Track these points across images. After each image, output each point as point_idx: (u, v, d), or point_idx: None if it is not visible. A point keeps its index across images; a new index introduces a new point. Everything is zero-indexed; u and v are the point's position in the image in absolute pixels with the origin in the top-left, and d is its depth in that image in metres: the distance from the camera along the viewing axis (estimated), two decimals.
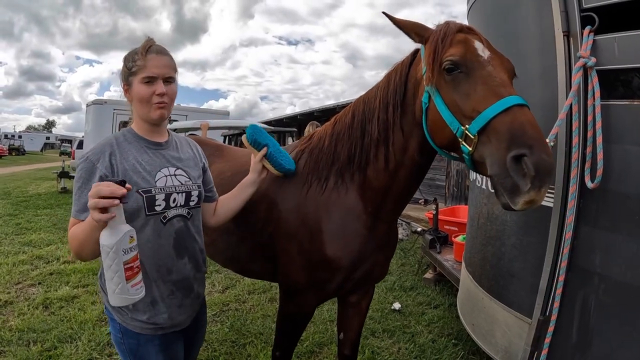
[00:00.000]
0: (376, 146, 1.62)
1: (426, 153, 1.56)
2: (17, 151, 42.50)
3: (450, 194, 9.30)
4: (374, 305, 3.92)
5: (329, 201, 1.69)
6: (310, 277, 1.75)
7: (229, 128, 12.03)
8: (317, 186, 1.73)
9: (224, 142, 12.46)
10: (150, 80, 1.35)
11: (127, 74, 1.38)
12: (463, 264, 3.23)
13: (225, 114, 15.51)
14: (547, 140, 1.58)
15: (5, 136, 52.33)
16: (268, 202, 1.84)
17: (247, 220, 1.92)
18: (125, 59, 1.40)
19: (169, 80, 1.40)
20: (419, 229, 5.45)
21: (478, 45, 1.34)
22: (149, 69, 1.35)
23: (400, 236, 6.09)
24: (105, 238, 1.08)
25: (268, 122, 16.62)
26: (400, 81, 1.55)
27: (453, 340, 3.23)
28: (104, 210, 1.05)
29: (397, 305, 3.89)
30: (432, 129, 1.41)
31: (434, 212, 4.84)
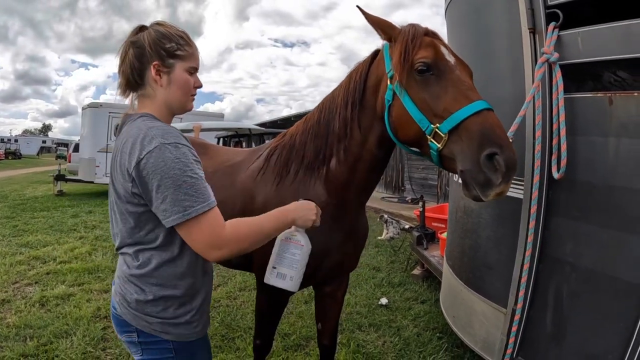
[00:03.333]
0: (338, 141, 1.72)
1: (384, 147, 1.67)
2: (13, 155, 42.47)
3: (443, 192, 9.38)
4: (361, 301, 3.98)
5: (296, 193, 1.77)
6: None
7: (223, 129, 12.11)
8: (286, 179, 1.82)
9: (218, 143, 12.53)
10: (194, 72, 1.30)
11: (168, 54, 1.23)
12: (444, 257, 3.30)
13: (219, 116, 15.63)
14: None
15: (2, 140, 52.09)
16: (244, 195, 1.93)
17: (224, 214, 1.99)
18: (162, 36, 1.24)
19: None
20: (406, 227, 5.52)
21: (444, 50, 1.45)
22: (196, 60, 1.29)
23: (391, 234, 6.16)
24: (307, 242, 1.43)
25: (263, 124, 16.76)
26: (360, 79, 1.65)
27: (438, 334, 3.28)
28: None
29: (384, 301, 3.94)
30: (396, 125, 1.50)
31: (421, 210, 4.91)
